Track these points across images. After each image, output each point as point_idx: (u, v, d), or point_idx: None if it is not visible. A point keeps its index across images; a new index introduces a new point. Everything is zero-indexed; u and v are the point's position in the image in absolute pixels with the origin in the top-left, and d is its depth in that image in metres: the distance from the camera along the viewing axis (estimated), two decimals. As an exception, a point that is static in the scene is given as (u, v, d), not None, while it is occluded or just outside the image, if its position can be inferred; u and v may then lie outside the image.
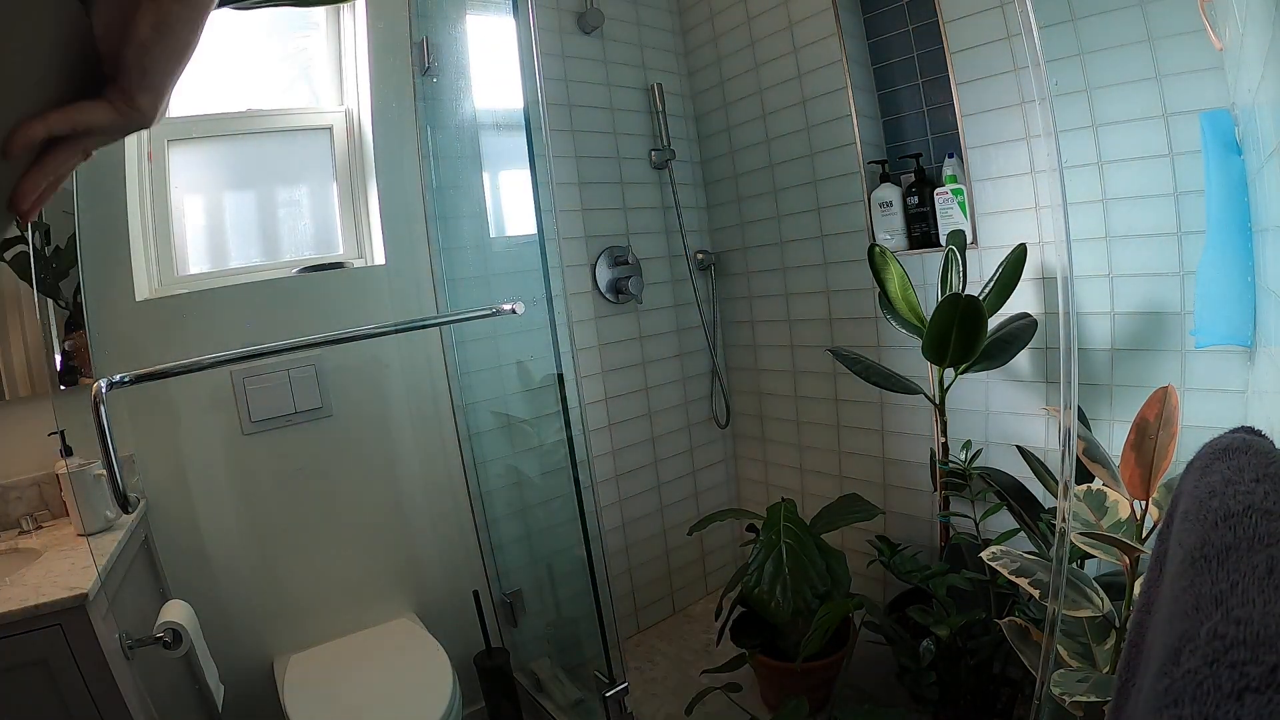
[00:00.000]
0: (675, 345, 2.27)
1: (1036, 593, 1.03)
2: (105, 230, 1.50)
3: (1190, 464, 0.49)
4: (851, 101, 1.72)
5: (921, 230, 1.68)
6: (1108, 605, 1.01)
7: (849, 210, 1.81)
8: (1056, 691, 0.96)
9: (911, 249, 1.70)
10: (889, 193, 1.70)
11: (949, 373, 1.51)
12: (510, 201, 1.95)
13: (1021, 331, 1.44)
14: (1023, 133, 1.44)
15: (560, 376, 1.51)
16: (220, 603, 1.56)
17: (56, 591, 1.03)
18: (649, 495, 2.25)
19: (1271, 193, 0.87)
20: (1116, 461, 1.03)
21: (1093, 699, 0.93)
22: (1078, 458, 1.03)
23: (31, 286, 1.41)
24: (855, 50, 1.74)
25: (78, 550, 1.21)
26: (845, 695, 1.44)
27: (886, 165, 1.74)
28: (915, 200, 1.66)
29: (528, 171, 1.51)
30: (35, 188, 0.38)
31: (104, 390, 1.16)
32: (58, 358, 1.43)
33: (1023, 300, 1.48)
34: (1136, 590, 0.97)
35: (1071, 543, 1.00)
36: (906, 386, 1.55)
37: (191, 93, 1.72)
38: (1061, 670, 0.99)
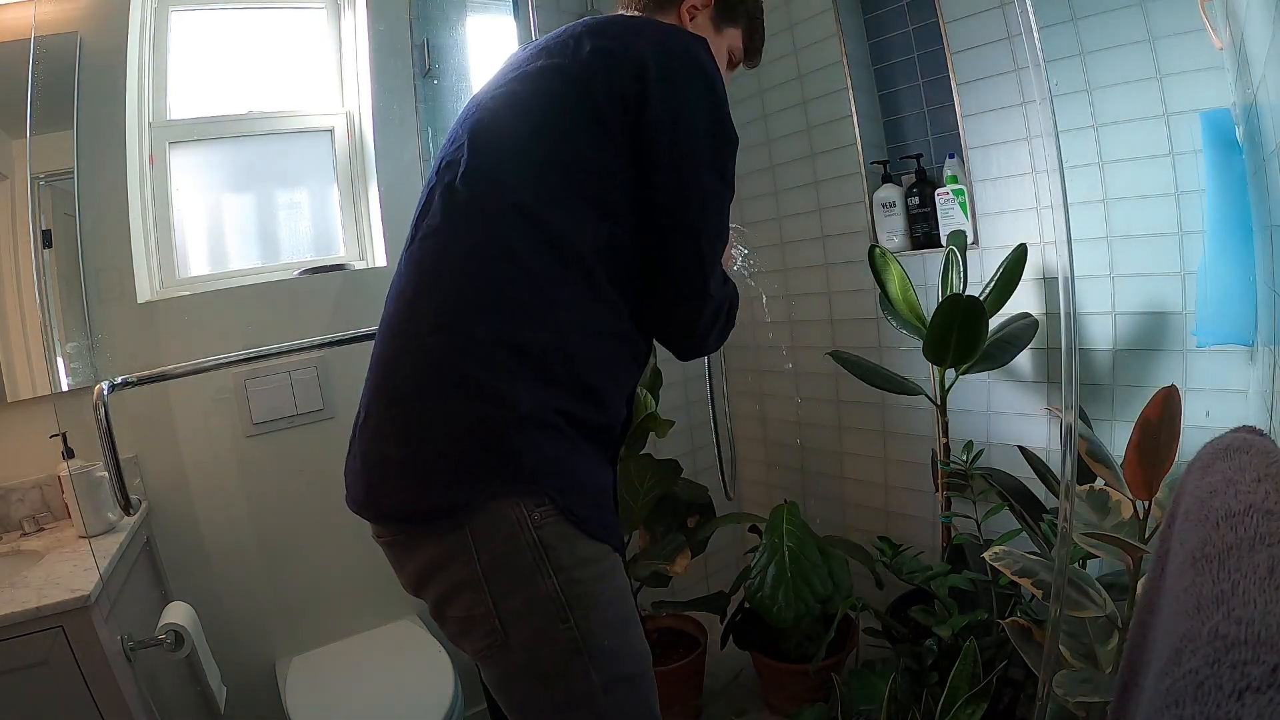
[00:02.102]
0: (676, 346, 2.26)
1: (1039, 593, 1.03)
2: (107, 232, 1.50)
3: (1191, 463, 0.49)
4: (852, 102, 1.72)
5: (923, 231, 1.68)
6: (1110, 606, 1.01)
7: (850, 211, 1.81)
8: (1059, 692, 0.95)
9: (913, 249, 1.70)
10: (891, 193, 1.70)
11: (950, 373, 1.51)
12: (511, 203, 1.94)
13: (1023, 332, 1.44)
14: (1023, 133, 1.44)
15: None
16: (222, 605, 1.57)
17: (58, 593, 1.03)
18: (650, 496, 2.24)
19: (1272, 192, 0.87)
20: (1119, 461, 1.03)
21: (1095, 699, 0.93)
22: (1080, 458, 1.03)
23: (33, 288, 1.41)
24: (856, 51, 1.74)
25: (79, 552, 1.22)
26: (846, 695, 1.44)
27: (888, 165, 1.74)
28: (916, 201, 1.66)
29: (528, 173, 1.51)
30: None
31: (106, 392, 1.16)
32: (59, 360, 1.44)
33: (1024, 300, 1.48)
34: (1139, 590, 0.97)
35: (1074, 543, 1.00)
36: (908, 388, 1.55)
37: (192, 95, 1.72)
38: (1064, 671, 0.99)
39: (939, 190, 1.59)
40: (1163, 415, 0.94)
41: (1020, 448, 1.41)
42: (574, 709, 0.77)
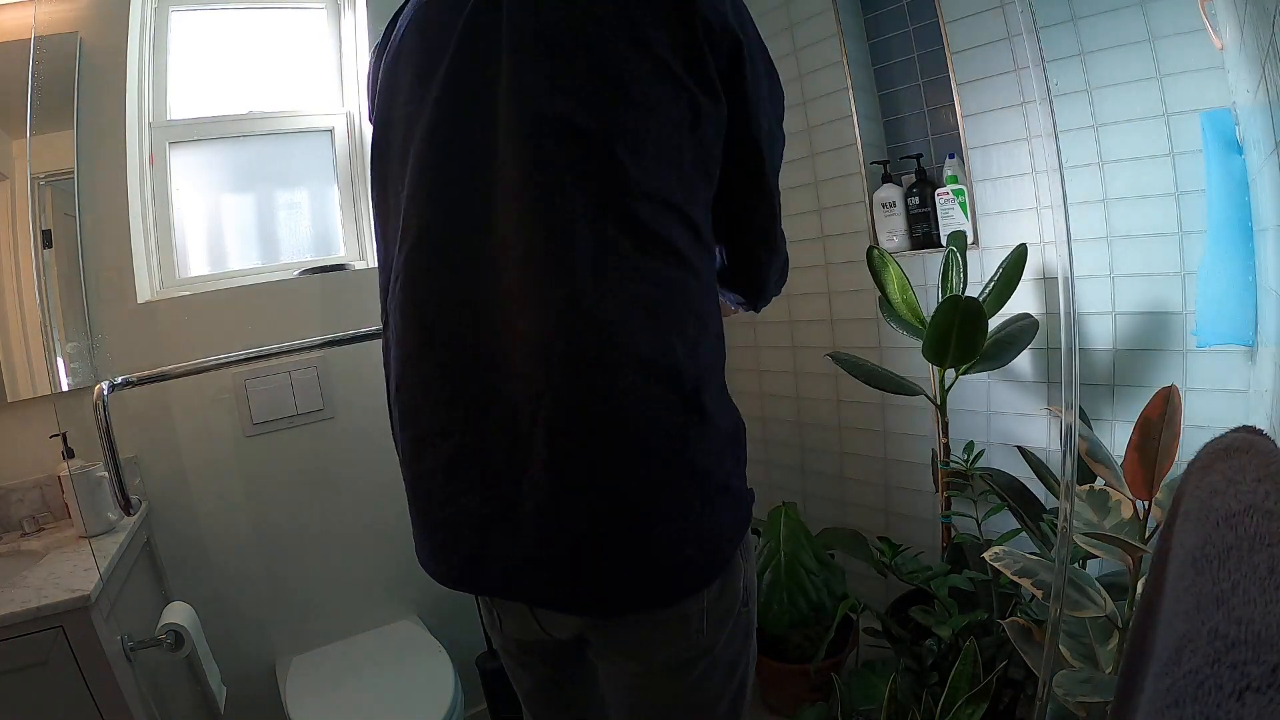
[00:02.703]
0: (676, 346, 2.26)
1: (1039, 593, 1.02)
2: (107, 232, 1.50)
3: (1191, 463, 0.49)
4: (852, 102, 1.72)
5: (923, 231, 1.68)
6: (1110, 606, 1.01)
7: (850, 211, 1.81)
8: (1059, 692, 0.95)
9: (913, 249, 1.70)
10: (891, 193, 1.70)
11: (950, 373, 1.50)
12: (511, 203, 1.94)
13: (1023, 332, 1.44)
14: (1023, 133, 1.44)
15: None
16: (222, 604, 1.57)
17: (58, 593, 1.04)
18: (650, 496, 2.24)
19: (1272, 192, 0.87)
20: (1119, 461, 1.03)
21: (1095, 699, 0.93)
22: (1080, 458, 1.03)
23: (33, 288, 1.41)
24: (856, 51, 1.74)
25: (79, 552, 1.22)
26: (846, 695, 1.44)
27: (889, 165, 1.74)
28: (916, 201, 1.66)
29: (528, 173, 1.51)
30: None
31: (106, 392, 1.16)
32: (59, 360, 1.44)
33: (1024, 300, 1.48)
34: (1139, 590, 0.97)
35: (1074, 543, 1.00)
36: (908, 388, 1.55)
37: (192, 95, 1.72)
38: (1064, 671, 0.99)
39: (939, 190, 1.59)
40: (1163, 415, 0.94)
41: (1020, 448, 1.41)
42: (738, 692, 0.73)
